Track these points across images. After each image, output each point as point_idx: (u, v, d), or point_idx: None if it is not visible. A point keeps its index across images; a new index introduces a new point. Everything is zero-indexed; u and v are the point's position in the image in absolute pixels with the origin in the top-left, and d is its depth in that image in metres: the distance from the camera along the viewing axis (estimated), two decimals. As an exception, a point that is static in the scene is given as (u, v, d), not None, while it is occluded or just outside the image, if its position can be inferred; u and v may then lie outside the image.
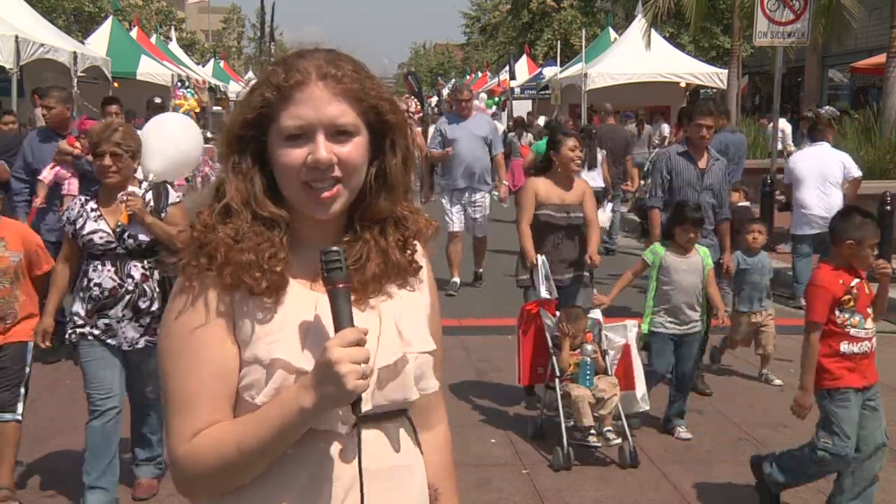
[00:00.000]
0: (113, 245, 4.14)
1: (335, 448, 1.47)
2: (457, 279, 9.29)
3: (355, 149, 1.50)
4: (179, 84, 21.84)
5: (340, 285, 1.43)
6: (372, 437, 1.51)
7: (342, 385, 1.35)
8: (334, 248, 1.44)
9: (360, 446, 1.44)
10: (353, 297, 1.49)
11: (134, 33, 23.36)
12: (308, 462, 1.47)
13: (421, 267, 1.62)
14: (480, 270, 9.82)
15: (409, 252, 1.58)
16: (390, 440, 1.54)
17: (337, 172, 1.48)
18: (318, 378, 1.39)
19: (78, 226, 4.16)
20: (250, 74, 41.97)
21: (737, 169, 10.15)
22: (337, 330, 1.41)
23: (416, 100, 26.47)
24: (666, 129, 19.44)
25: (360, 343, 1.39)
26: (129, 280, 4.13)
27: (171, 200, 4.32)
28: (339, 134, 1.48)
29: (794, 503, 4.55)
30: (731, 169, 9.83)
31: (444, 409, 1.78)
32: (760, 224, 7.12)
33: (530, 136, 18.57)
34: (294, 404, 1.40)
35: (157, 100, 11.22)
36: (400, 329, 1.54)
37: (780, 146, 13.70)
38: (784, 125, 15.94)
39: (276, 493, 1.48)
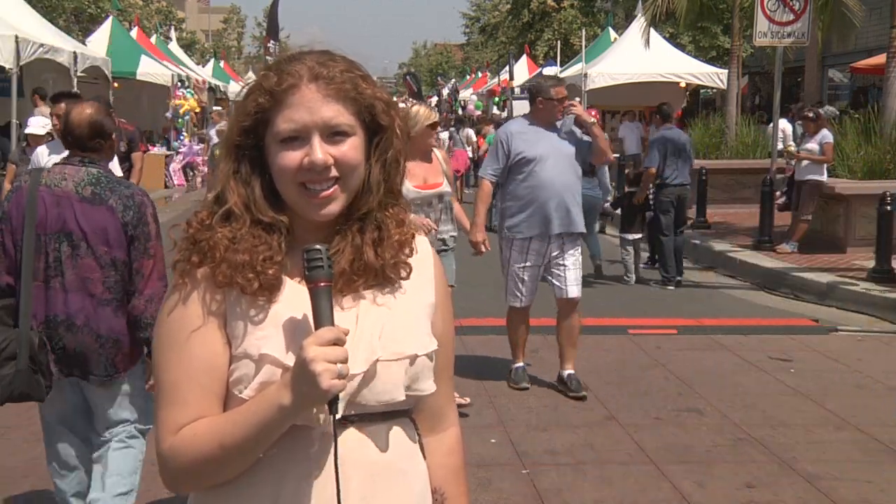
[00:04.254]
0: None
1: (316, 447, 1.47)
2: (521, 363, 6.31)
3: (351, 149, 1.50)
4: (179, 84, 21.86)
5: (322, 284, 1.43)
6: (360, 438, 1.50)
7: (316, 384, 1.35)
8: (316, 247, 1.44)
9: (337, 446, 1.43)
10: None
11: (134, 33, 23.39)
12: (289, 460, 1.47)
13: (409, 270, 1.59)
14: (573, 372, 6.14)
15: (381, 253, 1.56)
16: (383, 442, 1.53)
17: (334, 173, 1.49)
18: (295, 376, 1.39)
19: None
20: (250, 74, 42.04)
21: (680, 164, 10.23)
22: (317, 328, 1.41)
23: (414, 101, 26.51)
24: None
25: (337, 342, 1.39)
26: None
27: None
28: (334, 135, 1.49)
29: (794, 502, 4.55)
30: (673, 163, 10.07)
31: (455, 413, 1.77)
32: None
33: (470, 130, 20.38)
34: (274, 402, 1.41)
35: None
36: (377, 333, 1.52)
37: (780, 146, 13.69)
38: (784, 125, 15.92)
39: (255, 490, 1.48)
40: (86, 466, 3.71)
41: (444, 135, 18.84)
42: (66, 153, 4.04)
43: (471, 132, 20.30)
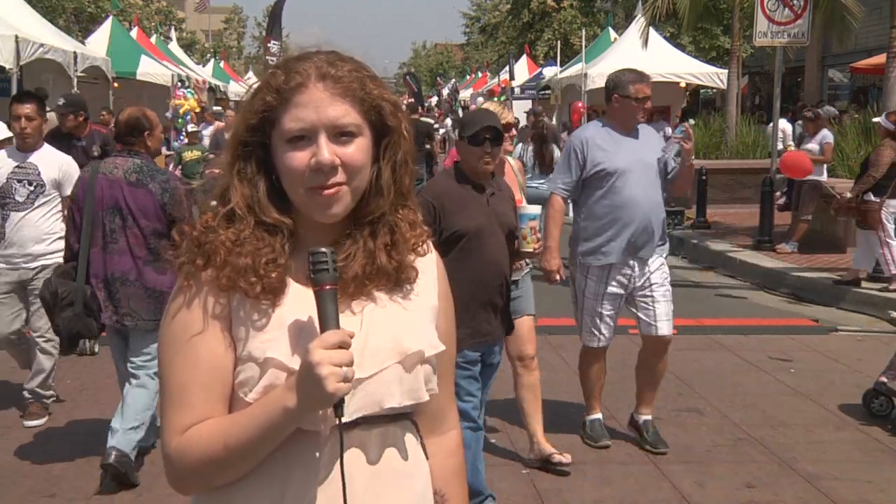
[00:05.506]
0: None
1: (320, 450, 1.47)
2: (598, 415, 5.35)
3: (358, 150, 1.49)
4: (179, 84, 21.84)
5: (327, 287, 1.42)
6: (364, 441, 1.50)
7: (322, 387, 1.35)
8: (322, 250, 1.43)
9: (343, 449, 1.43)
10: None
11: (134, 33, 23.35)
12: (294, 463, 1.47)
13: (415, 273, 1.59)
14: (650, 418, 5.31)
15: (396, 256, 1.56)
16: (385, 444, 1.53)
17: (341, 175, 1.47)
18: (300, 379, 1.39)
19: None
20: (250, 74, 42.02)
21: None
22: (322, 332, 1.41)
23: (414, 101, 26.48)
24: (668, 130, 19.50)
25: (343, 345, 1.38)
26: None
27: None
28: (341, 135, 1.47)
29: (794, 502, 4.55)
30: None
31: (456, 414, 1.77)
32: None
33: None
34: (279, 404, 1.40)
35: (60, 101, 7.68)
36: (385, 335, 1.52)
37: (780, 146, 13.69)
38: (784, 125, 15.93)
39: (260, 492, 1.48)
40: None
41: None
42: (27, 159, 5.40)
43: None
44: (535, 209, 4.19)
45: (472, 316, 3.93)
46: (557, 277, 4.96)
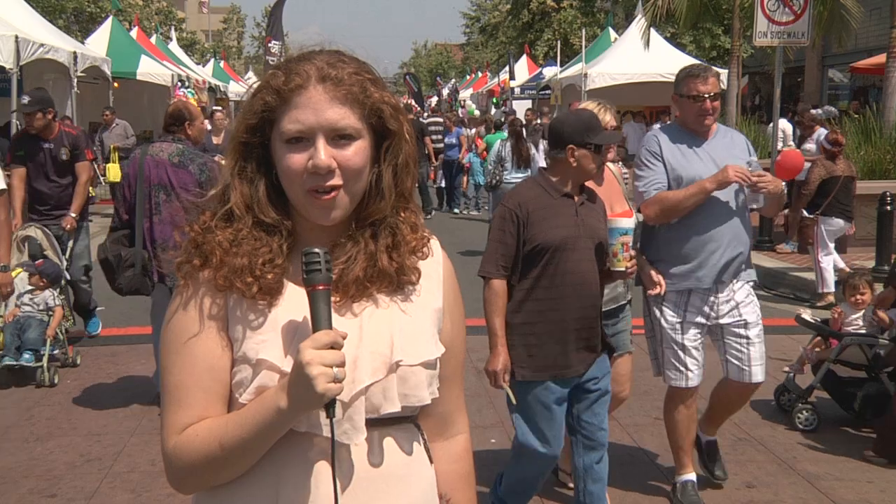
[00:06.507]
0: None
1: (314, 451, 1.47)
2: (692, 475, 4.53)
3: (356, 153, 1.48)
4: (179, 84, 21.83)
5: (320, 287, 1.42)
6: (360, 443, 1.49)
7: (312, 387, 1.35)
8: (315, 250, 1.43)
9: (335, 449, 1.43)
10: (335, 299, 1.48)
11: (134, 33, 23.35)
12: (286, 463, 1.47)
13: (417, 275, 1.58)
14: (715, 438, 4.83)
15: (397, 258, 1.55)
16: (385, 447, 1.52)
17: (338, 178, 1.47)
18: (291, 380, 1.39)
19: None
20: (250, 74, 41.98)
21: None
22: (314, 332, 1.40)
23: (414, 101, 26.49)
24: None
25: (334, 346, 1.38)
26: None
27: None
28: (339, 138, 1.47)
29: (794, 502, 4.55)
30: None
31: (465, 419, 1.75)
32: None
33: (478, 129, 20.17)
34: (272, 405, 1.41)
35: (25, 100, 7.16)
36: (383, 338, 1.51)
37: (780, 146, 13.67)
38: (784, 125, 15.93)
39: (256, 491, 1.48)
40: None
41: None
42: None
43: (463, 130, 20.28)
44: (629, 222, 3.63)
45: (561, 346, 3.59)
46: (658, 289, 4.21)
